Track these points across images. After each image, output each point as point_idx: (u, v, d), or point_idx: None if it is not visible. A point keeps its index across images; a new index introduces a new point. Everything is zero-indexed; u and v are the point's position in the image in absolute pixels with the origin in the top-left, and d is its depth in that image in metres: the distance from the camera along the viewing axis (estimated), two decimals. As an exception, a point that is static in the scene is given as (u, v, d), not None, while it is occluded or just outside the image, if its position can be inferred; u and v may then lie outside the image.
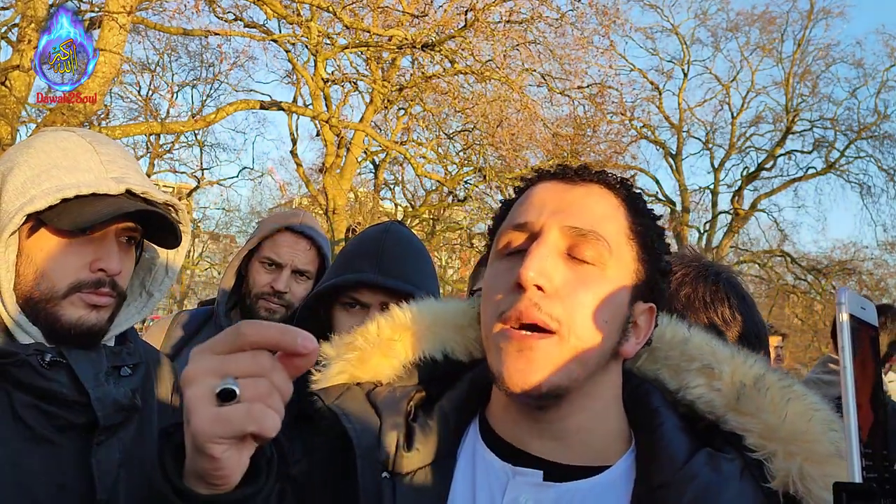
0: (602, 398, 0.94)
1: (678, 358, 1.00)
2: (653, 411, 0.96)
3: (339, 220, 13.04)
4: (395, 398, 1.01)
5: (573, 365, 0.89)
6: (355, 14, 10.60)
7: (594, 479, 0.92)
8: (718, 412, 0.95)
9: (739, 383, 0.95)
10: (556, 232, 0.91)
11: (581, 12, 12.18)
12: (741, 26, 22.71)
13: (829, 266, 21.51)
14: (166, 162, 20.60)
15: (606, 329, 0.90)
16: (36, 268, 1.28)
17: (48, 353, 1.27)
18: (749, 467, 0.89)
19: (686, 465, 0.88)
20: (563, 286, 0.89)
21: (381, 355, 1.05)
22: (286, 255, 2.17)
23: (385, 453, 0.94)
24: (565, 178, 0.96)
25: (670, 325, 1.04)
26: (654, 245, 0.97)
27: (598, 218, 0.92)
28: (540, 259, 0.88)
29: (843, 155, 22.01)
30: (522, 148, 13.14)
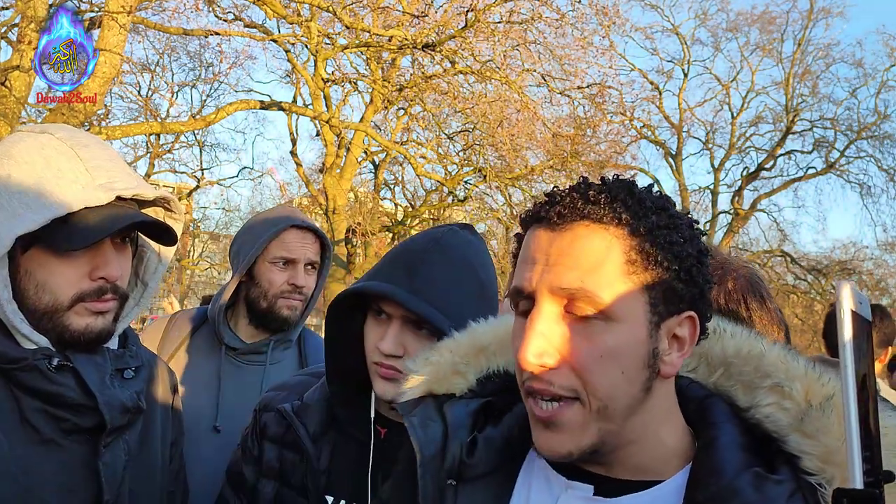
0: (649, 420, 0.92)
1: (752, 374, 0.97)
2: (712, 425, 0.94)
3: (339, 220, 13.05)
4: (464, 410, 1.06)
5: (601, 423, 0.88)
6: (355, 14, 10.60)
7: (644, 494, 0.91)
8: (782, 432, 0.91)
9: (807, 403, 0.91)
10: (548, 296, 0.87)
11: (581, 12, 12.18)
12: (741, 26, 22.73)
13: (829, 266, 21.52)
14: (166, 162, 20.62)
15: (625, 378, 0.87)
16: (36, 282, 1.28)
17: (55, 357, 1.28)
18: (803, 490, 0.86)
19: (731, 482, 0.86)
20: (568, 352, 0.86)
21: (454, 370, 1.11)
22: (298, 250, 2.19)
23: (450, 462, 1.00)
24: (550, 223, 0.89)
25: (747, 340, 1.00)
26: (672, 246, 0.89)
27: (586, 269, 0.86)
28: (536, 338, 0.86)
29: (843, 155, 22.03)
30: (522, 148, 13.14)
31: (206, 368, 2.15)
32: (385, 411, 1.47)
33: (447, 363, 1.11)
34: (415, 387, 1.11)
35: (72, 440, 1.29)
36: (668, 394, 0.94)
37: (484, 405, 1.07)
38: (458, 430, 1.03)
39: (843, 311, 0.70)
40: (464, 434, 1.02)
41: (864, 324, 0.73)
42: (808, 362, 0.96)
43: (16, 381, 1.25)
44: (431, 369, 1.12)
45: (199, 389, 2.09)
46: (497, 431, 1.03)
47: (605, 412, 0.87)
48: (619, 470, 0.92)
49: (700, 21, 22.65)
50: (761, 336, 1.01)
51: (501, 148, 12.69)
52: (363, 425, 1.47)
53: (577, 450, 0.88)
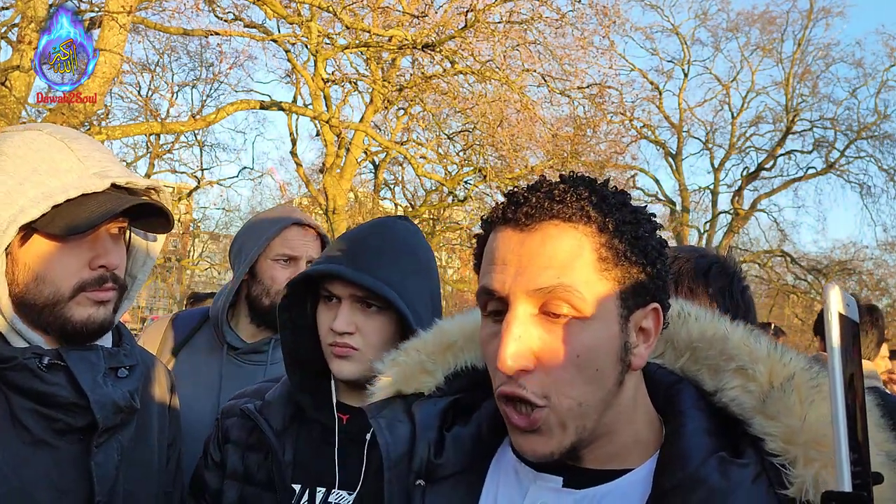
0: (621, 411, 0.92)
1: (717, 357, 0.97)
2: (679, 412, 0.94)
3: (339, 220, 13.04)
4: (432, 409, 1.06)
5: (578, 421, 0.88)
6: (355, 14, 10.60)
7: (612, 484, 0.91)
8: (746, 415, 0.92)
9: (769, 384, 0.92)
10: (523, 299, 0.86)
11: (581, 12, 12.19)
12: (741, 26, 22.75)
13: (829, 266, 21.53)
14: (166, 162, 20.62)
15: (599, 374, 0.88)
16: (35, 274, 1.27)
17: (46, 356, 1.27)
18: (767, 472, 0.86)
19: (697, 469, 0.86)
20: (544, 354, 0.86)
21: (422, 369, 1.11)
22: (300, 247, 2.20)
23: (418, 462, 1.00)
24: (518, 224, 0.88)
25: (711, 323, 1.01)
26: (638, 241, 0.89)
27: (561, 267, 0.85)
28: (513, 341, 0.85)
29: (843, 155, 22.05)
30: (522, 148, 13.14)
31: (208, 368, 2.16)
32: (345, 398, 1.53)
33: (414, 362, 1.12)
34: (383, 388, 1.12)
35: (64, 440, 1.28)
36: (637, 384, 0.95)
37: (452, 403, 1.07)
38: (425, 430, 1.02)
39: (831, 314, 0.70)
40: (431, 434, 1.02)
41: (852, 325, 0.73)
42: (771, 343, 0.96)
43: (6, 381, 1.24)
44: (399, 370, 1.12)
45: (200, 389, 2.10)
46: (466, 430, 1.03)
47: (579, 410, 0.87)
48: (590, 460, 0.93)
49: (700, 21, 22.69)
50: (725, 318, 1.01)
51: (501, 148, 12.68)
52: (326, 411, 1.53)
53: (558, 450, 0.89)
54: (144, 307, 30.41)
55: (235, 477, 1.55)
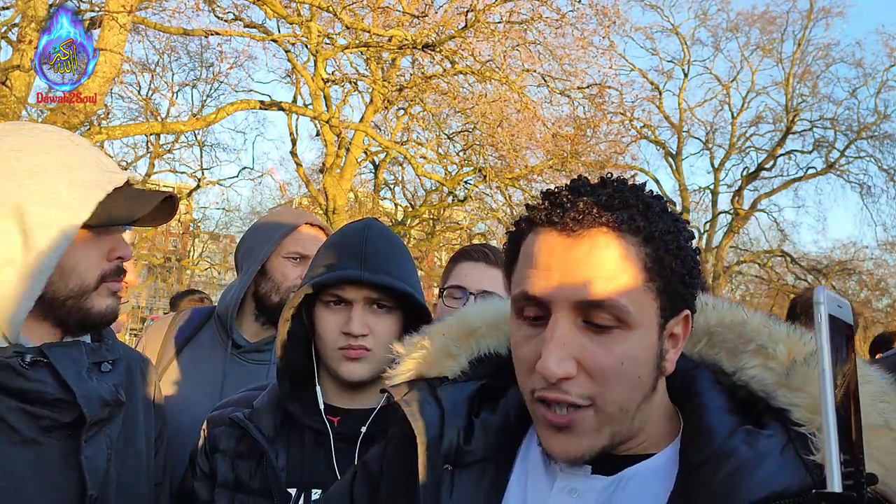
0: (651, 411, 0.95)
1: (735, 340, 0.99)
2: (697, 394, 0.96)
3: (339, 220, 13.03)
4: (459, 394, 1.05)
5: (614, 426, 0.90)
6: (355, 14, 10.59)
7: (639, 466, 0.93)
8: (769, 389, 0.93)
9: (791, 360, 0.93)
10: (568, 309, 0.87)
11: (581, 13, 12.18)
12: (741, 26, 22.76)
13: (829, 266, 21.54)
14: (166, 162, 20.60)
15: (640, 381, 0.89)
16: (62, 269, 1.29)
17: (28, 353, 1.27)
18: (794, 442, 0.87)
19: (725, 442, 0.88)
20: (588, 361, 0.87)
21: (446, 353, 1.11)
22: (312, 247, 2.19)
23: (447, 447, 1.00)
24: (565, 228, 0.87)
25: (730, 309, 1.03)
26: (680, 251, 0.90)
27: (609, 279, 0.86)
28: (558, 349, 0.86)
29: (843, 155, 22.06)
30: (522, 148, 13.13)
31: (211, 366, 2.16)
32: (334, 401, 1.55)
33: (439, 346, 1.12)
34: (406, 371, 1.12)
35: (52, 437, 1.28)
36: (663, 384, 0.97)
37: (478, 389, 1.07)
38: (455, 415, 1.02)
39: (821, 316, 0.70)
40: (461, 419, 1.02)
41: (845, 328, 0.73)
42: (790, 326, 0.99)
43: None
44: (423, 352, 1.12)
45: (203, 387, 2.10)
46: (494, 417, 1.03)
47: (619, 415, 0.89)
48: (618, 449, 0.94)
49: (700, 21, 22.69)
50: (742, 305, 1.04)
51: (501, 148, 12.68)
52: (316, 416, 1.54)
53: (590, 452, 0.90)
54: (144, 307, 30.42)
55: (226, 486, 1.54)
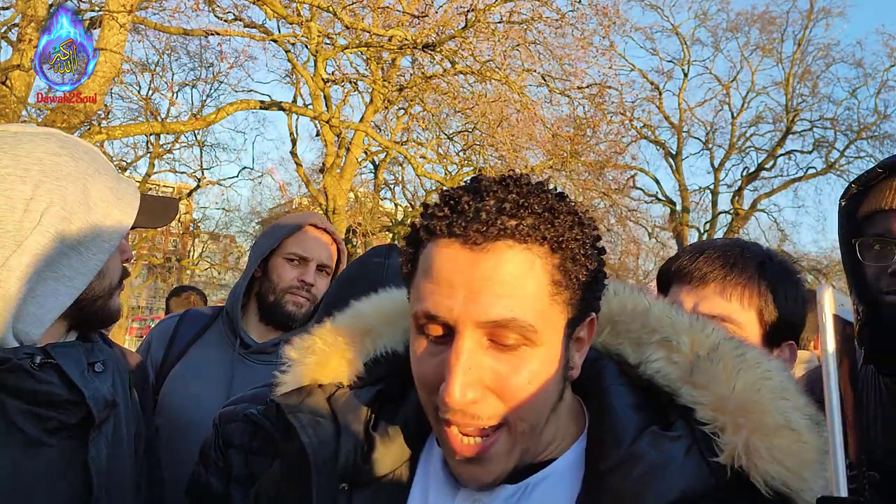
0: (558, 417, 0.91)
1: (639, 330, 0.96)
2: (603, 390, 0.93)
3: (339, 220, 13.03)
4: (354, 403, 0.99)
5: (524, 443, 0.86)
6: (355, 14, 10.59)
7: (546, 471, 0.90)
8: (674, 385, 0.91)
9: (695, 354, 0.91)
10: (472, 329, 0.81)
11: (581, 13, 12.17)
12: (741, 26, 22.74)
13: (829, 266, 21.52)
14: (166, 162, 20.60)
15: (549, 396, 0.86)
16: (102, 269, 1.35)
17: (38, 355, 1.27)
18: (698, 443, 0.86)
19: (631, 446, 0.86)
20: (495, 383, 0.83)
21: (340, 357, 1.04)
22: (312, 249, 2.22)
23: (343, 464, 0.93)
24: (467, 240, 0.81)
25: (631, 296, 0.99)
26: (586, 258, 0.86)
27: (514, 297, 0.80)
28: (463, 375, 0.81)
29: (843, 155, 22.04)
30: (522, 148, 13.13)
31: (218, 365, 2.16)
32: None
33: (332, 349, 1.04)
34: (297, 377, 1.03)
35: (57, 438, 1.29)
36: (568, 385, 0.92)
37: (376, 395, 1.01)
38: (350, 429, 0.96)
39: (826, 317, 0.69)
40: (357, 433, 0.96)
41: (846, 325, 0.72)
42: (692, 316, 0.97)
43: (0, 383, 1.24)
44: (315, 358, 1.04)
45: (210, 386, 2.10)
46: (392, 428, 0.97)
47: (530, 431, 0.86)
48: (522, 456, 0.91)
49: (700, 21, 22.68)
50: (644, 292, 1.01)
51: (501, 148, 12.67)
52: None
53: (502, 475, 0.87)
54: (144, 307, 30.41)
55: (241, 481, 1.54)
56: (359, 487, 0.93)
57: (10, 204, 1.22)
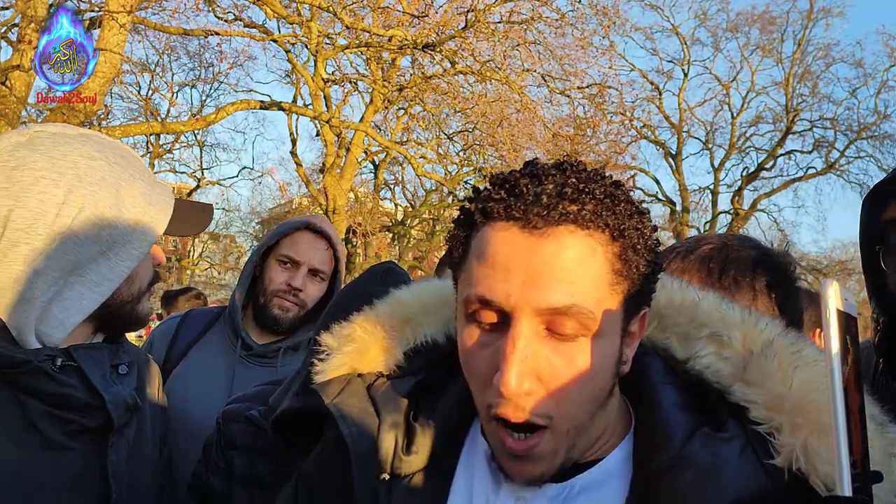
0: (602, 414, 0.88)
1: (687, 325, 0.92)
2: (651, 387, 0.89)
3: (339, 220, 13.04)
4: (394, 394, 0.96)
5: (570, 441, 0.84)
6: (355, 14, 10.59)
7: (592, 471, 0.87)
8: (725, 382, 0.87)
9: (748, 350, 0.87)
10: (530, 317, 0.78)
11: (581, 13, 12.18)
12: (741, 26, 22.74)
13: (829, 266, 21.53)
14: (166, 162, 20.62)
15: (599, 392, 0.83)
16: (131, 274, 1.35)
17: (59, 357, 1.26)
18: (752, 443, 0.82)
19: (683, 448, 0.82)
20: (549, 376, 0.80)
21: (379, 345, 1.01)
22: (304, 253, 2.17)
23: (383, 455, 0.91)
24: (527, 224, 0.78)
25: (679, 290, 0.95)
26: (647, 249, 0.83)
27: (575, 284, 0.77)
28: (520, 364, 0.77)
29: (843, 155, 22.05)
30: (522, 148, 13.13)
31: (219, 367, 2.15)
32: None
33: (372, 338, 1.02)
34: (336, 367, 1.01)
35: (77, 441, 1.28)
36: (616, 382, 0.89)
37: (415, 385, 0.98)
38: (391, 420, 0.93)
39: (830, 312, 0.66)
40: (398, 424, 0.93)
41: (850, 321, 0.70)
42: (743, 309, 0.92)
43: (21, 385, 1.23)
44: (354, 346, 1.02)
45: (211, 388, 2.10)
46: (433, 418, 0.94)
47: (576, 431, 0.83)
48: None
49: (700, 21, 22.67)
50: (693, 286, 0.96)
51: (501, 148, 12.68)
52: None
53: (549, 471, 0.85)
54: (144, 307, 30.37)
55: (244, 482, 1.52)
56: (400, 478, 0.91)
57: (42, 208, 1.22)
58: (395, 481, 0.90)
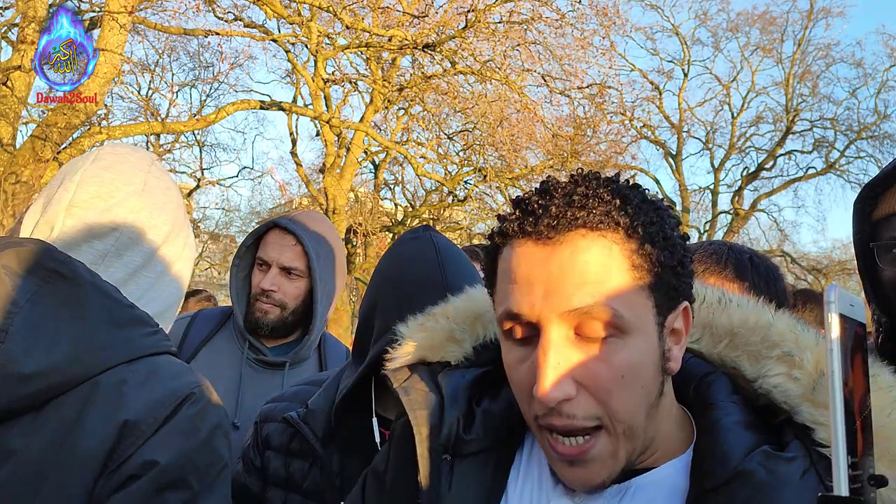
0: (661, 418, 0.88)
1: (759, 344, 0.91)
2: (712, 405, 0.89)
3: (339, 220, 13.03)
4: (461, 380, 1.00)
5: (628, 444, 0.84)
6: (355, 14, 10.59)
7: (648, 476, 0.87)
8: (793, 402, 0.86)
9: (819, 372, 0.85)
10: (557, 323, 0.80)
11: (581, 13, 12.18)
12: (741, 26, 22.72)
13: (829, 266, 21.54)
14: (166, 162, 20.57)
15: (646, 390, 0.83)
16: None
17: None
18: (816, 466, 0.80)
19: (740, 464, 0.81)
20: (587, 379, 0.80)
21: (450, 337, 1.05)
22: (272, 252, 2.14)
23: (446, 435, 0.95)
24: (540, 237, 0.81)
25: (754, 310, 0.94)
26: (667, 241, 0.84)
27: (595, 284, 0.79)
28: (553, 371, 0.79)
29: (843, 155, 22.02)
30: (522, 148, 13.14)
31: (228, 367, 2.14)
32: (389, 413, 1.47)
33: (443, 329, 1.06)
34: (406, 354, 1.05)
35: None
36: (670, 386, 0.89)
37: (481, 375, 1.01)
38: (454, 403, 0.97)
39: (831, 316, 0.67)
40: (461, 406, 0.97)
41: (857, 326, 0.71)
42: (818, 333, 0.91)
43: None
44: (426, 335, 1.06)
45: (219, 389, 2.09)
46: (495, 405, 0.97)
47: (630, 432, 0.83)
48: None
49: (700, 21, 22.66)
50: (769, 306, 0.95)
51: (501, 148, 12.68)
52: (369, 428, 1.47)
53: (609, 477, 0.84)
54: (144, 307, 30.34)
55: (278, 483, 1.51)
56: (461, 459, 0.94)
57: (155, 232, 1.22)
58: (456, 462, 0.94)
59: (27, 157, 6.57)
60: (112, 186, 1.16)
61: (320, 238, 2.19)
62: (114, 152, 1.22)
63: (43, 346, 0.97)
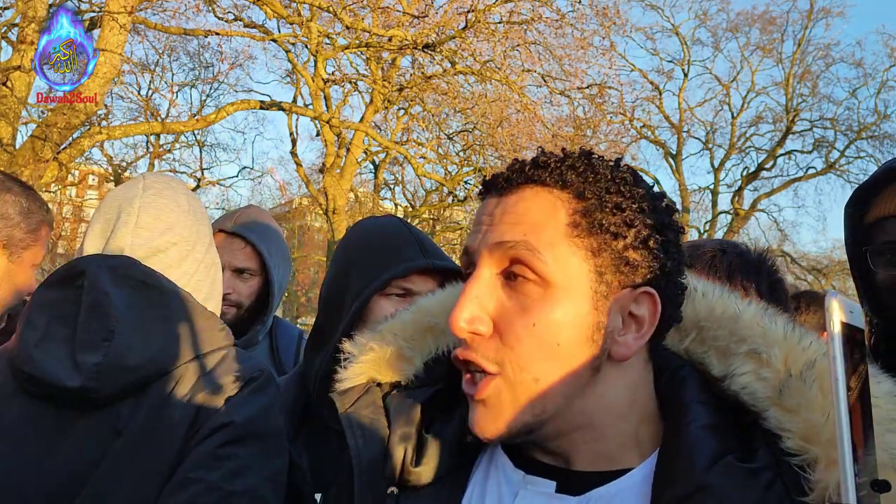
0: (606, 407, 0.83)
1: (727, 338, 0.86)
2: (683, 406, 0.83)
3: (339, 220, 13.03)
4: (409, 404, 0.95)
5: (534, 401, 0.79)
6: (355, 14, 10.58)
7: (608, 487, 0.82)
8: (760, 406, 0.80)
9: (787, 372, 0.79)
10: (487, 257, 0.82)
11: (581, 13, 12.17)
12: (741, 26, 22.73)
13: (829, 266, 21.54)
14: (166, 162, 20.59)
15: (563, 352, 0.79)
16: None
17: None
18: (783, 477, 0.75)
19: (701, 475, 0.76)
20: (500, 320, 0.80)
21: (399, 354, 1.01)
22: (224, 256, 2.11)
23: (391, 467, 0.89)
24: (498, 189, 0.86)
25: (720, 300, 0.89)
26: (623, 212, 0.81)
27: (528, 225, 0.80)
28: (469, 301, 0.81)
29: (843, 155, 22.03)
30: (522, 148, 13.12)
31: None
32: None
33: (392, 347, 1.01)
34: (354, 375, 1.00)
35: None
36: (626, 379, 0.84)
37: (432, 395, 0.96)
38: (402, 431, 0.91)
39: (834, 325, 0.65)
40: (409, 435, 0.91)
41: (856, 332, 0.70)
42: (787, 324, 0.84)
43: None
44: (374, 355, 1.01)
45: None
46: (448, 429, 0.92)
47: (536, 387, 0.79)
48: (580, 461, 0.84)
49: (700, 21, 22.66)
50: (736, 295, 0.90)
51: (501, 148, 12.67)
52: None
53: (507, 429, 0.80)
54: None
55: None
56: (408, 492, 0.88)
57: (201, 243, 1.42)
58: (402, 495, 0.88)
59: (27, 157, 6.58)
60: (166, 210, 1.39)
61: (267, 233, 2.22)
62: (158, 181, 1.44)
63: (141, 343, 1.24)
